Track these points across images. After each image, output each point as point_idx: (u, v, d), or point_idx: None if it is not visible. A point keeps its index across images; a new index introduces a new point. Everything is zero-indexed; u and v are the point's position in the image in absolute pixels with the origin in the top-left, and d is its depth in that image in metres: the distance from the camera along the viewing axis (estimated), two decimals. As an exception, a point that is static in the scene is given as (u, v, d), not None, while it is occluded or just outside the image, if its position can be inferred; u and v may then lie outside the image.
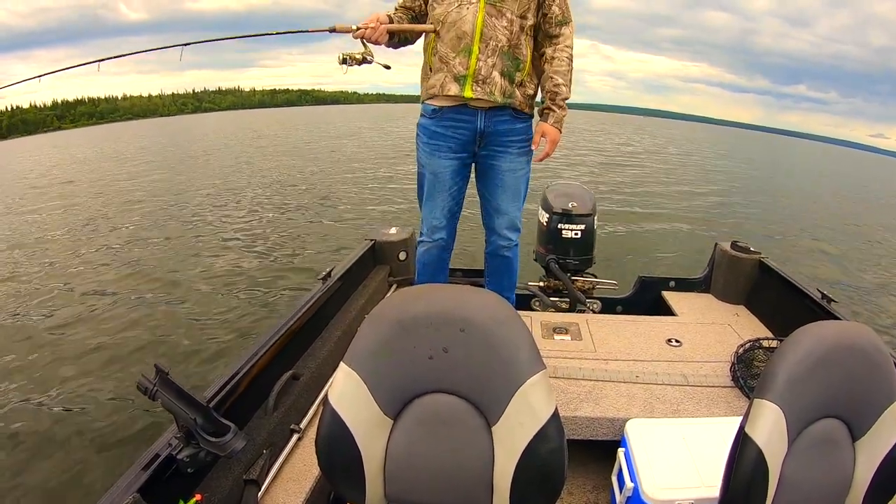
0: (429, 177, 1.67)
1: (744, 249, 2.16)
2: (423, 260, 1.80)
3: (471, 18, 1.48)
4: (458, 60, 1.51)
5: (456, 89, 1.52)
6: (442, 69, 1.54)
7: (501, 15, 1.49)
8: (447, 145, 1.61)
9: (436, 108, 1.59)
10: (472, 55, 1.50)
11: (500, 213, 1.70)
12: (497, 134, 1.60)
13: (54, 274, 5.17)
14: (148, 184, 10.90)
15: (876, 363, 0.76)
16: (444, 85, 1.53)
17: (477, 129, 1.58)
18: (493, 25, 1.49)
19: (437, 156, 1.63)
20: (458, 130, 1.59)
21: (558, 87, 1.57)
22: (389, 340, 0.71)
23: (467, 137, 1.60)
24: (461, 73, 1.51)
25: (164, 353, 3.42)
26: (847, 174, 27.65)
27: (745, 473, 0.72)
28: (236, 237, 6.40)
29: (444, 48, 1.53)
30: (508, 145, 1.62)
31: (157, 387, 0.85)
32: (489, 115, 1.57)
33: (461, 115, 1.57)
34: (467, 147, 1.62)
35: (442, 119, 1.59)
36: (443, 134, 1.60)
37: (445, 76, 1.53)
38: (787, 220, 9.17)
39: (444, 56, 1.53)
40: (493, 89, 1.52)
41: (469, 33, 1.49)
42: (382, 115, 53.12)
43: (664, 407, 1.43)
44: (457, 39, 1.50)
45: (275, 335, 1.37)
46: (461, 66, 1.51)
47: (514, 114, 1.60)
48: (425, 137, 1.64)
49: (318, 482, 1.15)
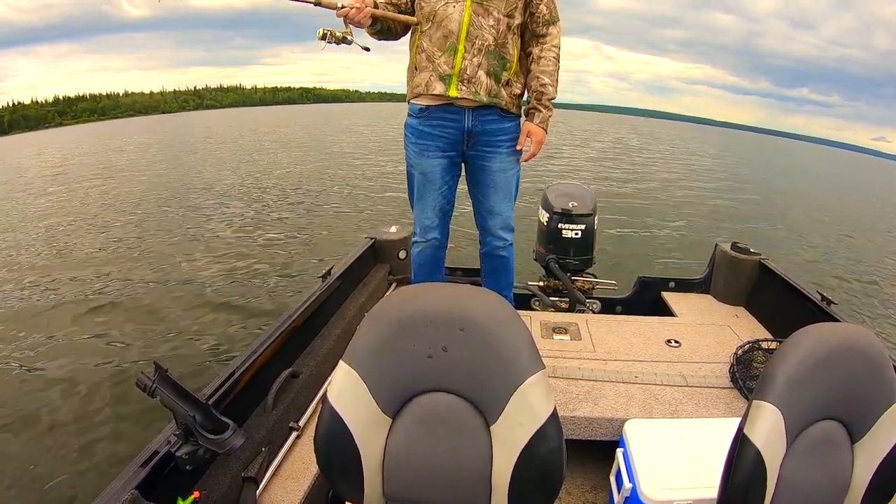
0: (418, 177, 1.66)
1: (744, 250, 2.16)
2: (419, 261, 1.79)
3: (457, 17, 1.47)
4: (444, 59, 1.50)
5: (441, 88, 1.51)
6: (427, 68, 1.53)
7: (488, 14, 1.48)
8: (435, 144, 1.60)
9: (422, 108, 1.58)
10: (457, 54, 1.49)
11: (494, 213, 1.70)
12: (485, 133, 1.59)
13: (52, 267, 5.18)
14: (147, 180, 10.90)
15: (875, 365, 0.75)
16: (430, 84, 1.53)
17: (464, 127, 1.57)
18: (479, 24, 1.48)
19: (425, 155, 1.62)
20: (445, 129, 1.58)
21: (545, 86, 1.56)
22: (389, 339, 0.71)
23: (455, 136, 1.59)
24: (446, 73, 1.51)
25: (162, 351, 3.42)
26: (846, 177, 27.64)
27: (743, 475, 0.72)
28: (236, 235, 6.40)
29: (430, 46, 1.52)
30: (498, 145, 1.61)
31: (156, 384, 0.85)
32: (476, 115, 1.56)
33: (448, 115, 1.56)
34: (455, 146, 1.61)
35: (429, 118, 1.58)
36: (430, 133, 1.59)
37: (431, 75, 1.53)
38: (787, 221, 9.17)
39: (431, 55, 1.52)
40: (479, 89, 1.52)
41: (455, 32, 1.48)
42: (387, 114, 53.06)
43: (663, 407, 1.43)
44: (443, 38, 1.49)
45: (274, 333, 1.37)
46: (447, 66, 1.50)
47: (502, 113, 1.59)
48: (413, 137, 1.63)
49: (316, 480, 1.16)
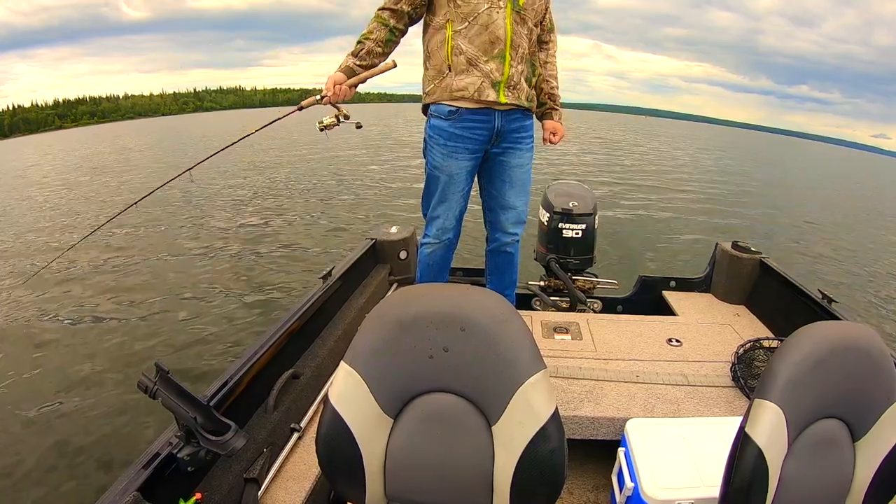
0: (444, 178, 1.64)
1: (744, 249, 2.16)
2: (428, 261, 1.78)
3: (502, 23, 1.48)
4: (494, 66, 1.51)
5: (494, 95, 1.53)
6: (471, 72, 1.51)
7: (524, 22, 1.53)
8: (465, 146, 1.60)
9: (453, 110, 1.56)
10: (505, 62, 1.51)
11: (508, 208, 1.72)
12: (510, 132, 1.63)
13: (53, 269, 5.18)
14: (146, 180, 10.91)
15: (876, 363, 0.75)
16: (482, 90, 1.51)
17: (494, 128, 1.59)
18: (519, 32, 1.52)
19: (454, 157, 1.61)
20: (475, 131, 1.59)
21: (555, 88, 1.75)
22: (390, 339, 0.71)
23: (485, 137, 1.61)
24: (497, 80, 1.52)
25: (164, 352, 3.43)
26: (845, 175, 27.60)
27: (745, 473, 0.72)
28: (237, 235, 6.40)
29: (472, 49, 1.50)
30: (519, 142, 1.66)
31: (157, 385, 0.85)
32: (505, 115, 1.59)
33: (480, 116, 1.57)
34: (483, 146, 1.63)
35: (460, 120, 1.57)
36: (461, 136, 1.58)
37: (483, 81, 1.51)
38: (787, 220, 9.17)
39: (474, 59, 1.50)
40: (521, 94, 1.58)
41: (503, 39, 1.49)
42: (387, 113, 53.03)
43: (664, 407, 1.43)
44: (489, 44, 1.49)
45: (275, 334, 1.37)
46: (497, 73, 1.51)
47: (524, 112, 1.64)
48: (442, 139, 1.60)
49: (318, 481, 1.15)
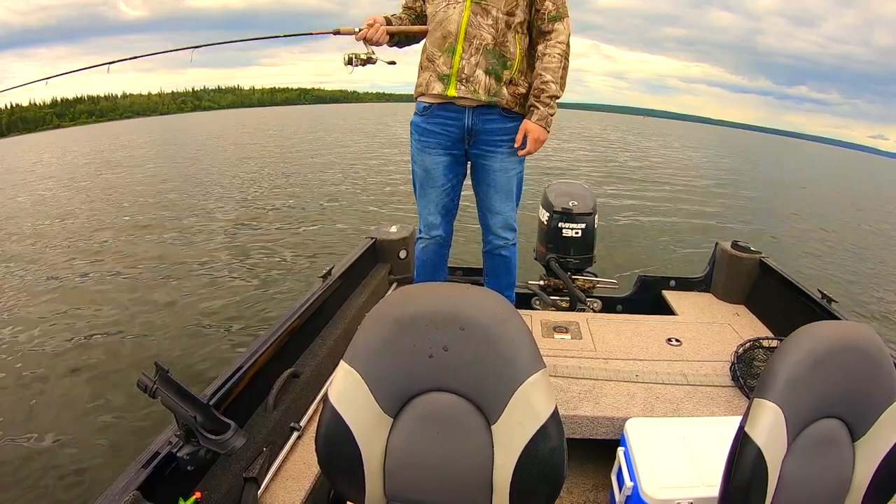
0: (420, 173, 1.69)
1: (744, 249, 2.16)
2: (422, 257, 1.80)
3: (456, 18, 1.50)
4: (443, 60, 1.54)
5: (440, 88, 1.54)
6: (428, 68, 1.57)
7: (486, 13, 1.49)
8: (436, 141, 1.63)
9: (426, 105, 1.62)
10: (455, 54, 1.52)
11: (494, 213, 1.71)
12: (486, 133, 1.60)
13: (54, 265, 5.18)
14: (145, 180, 10.90)
15: (876, 363, 0.75)
16: (430, 84, 1.56)
17: (465, 126, 1.59)
18: (477, 24, 1.50)
19: (427, 152, 1.65)
20: (446, 127, 1.60)
21: (546, 83, 1.53)
22: (389, 339, 0.71)
23: (456, 135, 1.61)
24: (445, 73, 1.54)
25: (163, 351, 3.42)
26: (843, 175, 27.63)
27: (744, 473, 0.72)
28: (237, 234, 6.40)
29: (431, 47, 1.57)
30: (499, 145, 1.62)
31: (157, 385, 0.85)
32: (476, 113, 1.57)
33: (448, 113, 1.59)
34: (457, 144, 1.63)
35: (432, 116, 1.61)
36: (432, 131, 1.62)
37: (431, 75, 1.56)
38: (787, 219, 9.17)
39: (432, 55, 1.56)
40: (478, 87, 1.52)
41: (454, 33, 1.51)
42: (387, 113, 53.09)
43: (664, 406, 1.43)
44: (442, 39, 1.53)
45: (275, 333, 1.37)
46: (445, 66, 1.53)
47: (504, 112, 1.58)
48: (416, 134, 1.67)
49: (317, 480, 1.16)
